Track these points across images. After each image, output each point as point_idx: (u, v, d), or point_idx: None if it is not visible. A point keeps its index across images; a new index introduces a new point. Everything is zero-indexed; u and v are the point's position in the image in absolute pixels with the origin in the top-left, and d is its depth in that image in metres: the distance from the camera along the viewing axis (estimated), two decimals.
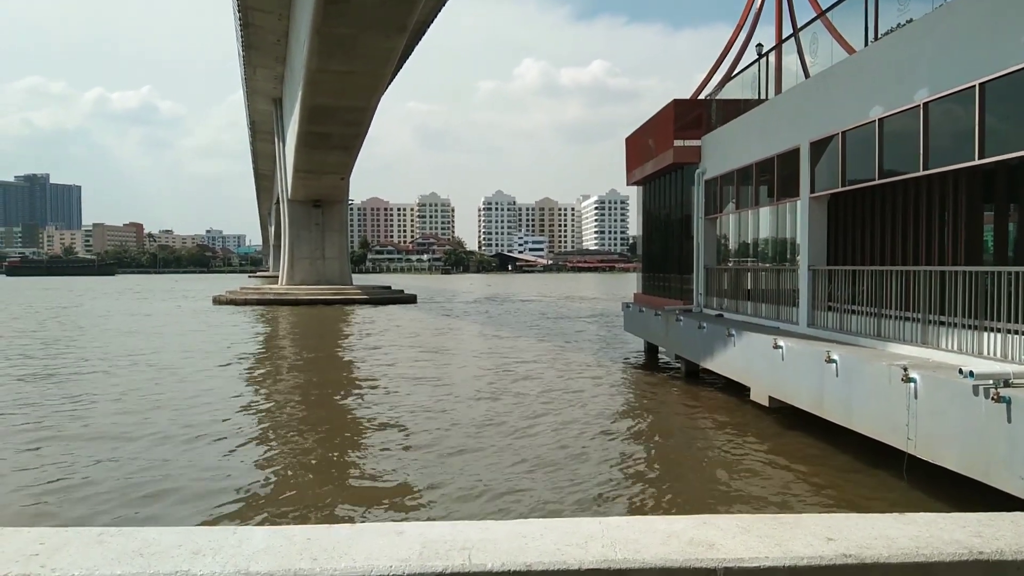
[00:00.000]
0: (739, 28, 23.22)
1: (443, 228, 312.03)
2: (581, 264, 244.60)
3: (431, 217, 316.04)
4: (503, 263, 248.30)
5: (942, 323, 9.54)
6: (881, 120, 10.81)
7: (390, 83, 48.15)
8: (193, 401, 15.08)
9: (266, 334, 33.40)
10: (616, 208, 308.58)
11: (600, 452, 10.93)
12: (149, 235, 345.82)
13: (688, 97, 20.84)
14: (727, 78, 21.17)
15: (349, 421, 13.93)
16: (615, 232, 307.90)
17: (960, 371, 7.88)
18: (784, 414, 12.44)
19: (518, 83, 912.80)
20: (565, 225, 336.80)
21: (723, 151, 17.42)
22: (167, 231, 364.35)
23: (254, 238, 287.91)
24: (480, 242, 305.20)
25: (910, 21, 11.06)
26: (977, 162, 8.91)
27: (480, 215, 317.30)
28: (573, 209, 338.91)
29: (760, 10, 22.97)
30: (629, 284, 40.46)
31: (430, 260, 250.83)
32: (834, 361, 10.39)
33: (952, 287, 9.31)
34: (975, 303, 8.88)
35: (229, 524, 7.83)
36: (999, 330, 8.43)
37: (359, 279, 77.95)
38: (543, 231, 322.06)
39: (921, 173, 10.07)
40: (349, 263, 65.69)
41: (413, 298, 57.97)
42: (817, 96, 13.15)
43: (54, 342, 27.39)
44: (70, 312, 46.80)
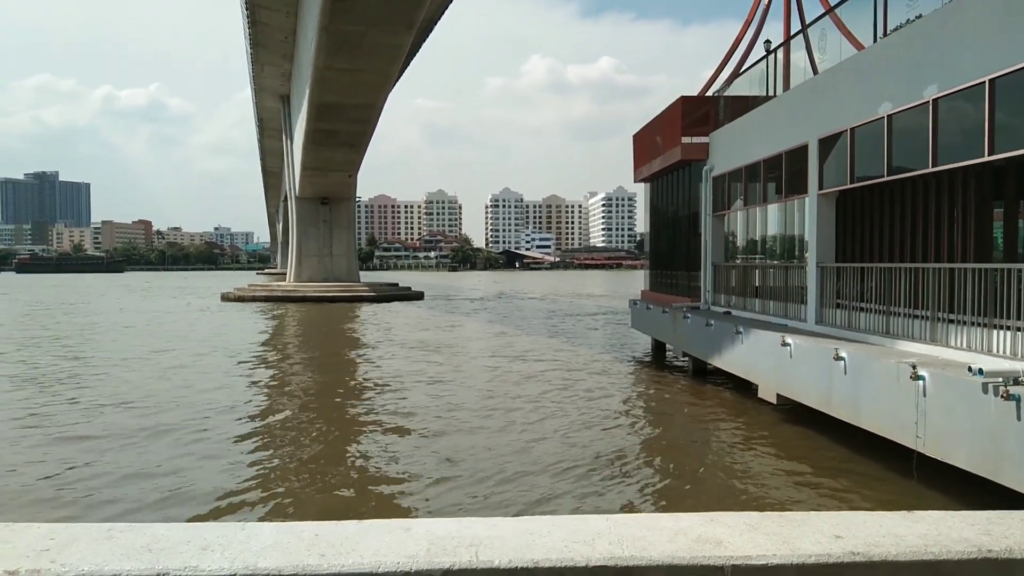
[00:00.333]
0: (747, 24, 23.13)
1: (450, 225, 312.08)
2: (588, 261, 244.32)
3: (438, 214, 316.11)
4: (510, 260, 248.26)
5: (951, 321, 9.50)
6: (890, 117, 10.76)
7: (397, 80, 48.18)
8: (201, 398, 15.13)
9: (274, 331, 33.50)
10: (623, 205, 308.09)
11: (607, 449, 10.93)
12: (158, 232, 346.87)
13: (696, 94, 20.80)
14: (735, 74, 21.10)
15: (357, 417, 13.96)
16: (622, 229, 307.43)
17: (969, 369, 7.84)
18: (792, 412, 12.42)
19: (525, 80, 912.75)
20: (572, 222, 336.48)
21: (731, 148, 17.38)
22: (175, 228, 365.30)
23: (262, 235, 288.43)
24: (487, 239, 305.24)
25: (919, 17, 11.00)
26: (987, 159, 8.86)
27: (487, 212, 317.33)
28: (580, 206, 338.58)
29: (768, 6, 22.88)
30: (636, 281, 40.42)
31: (437, 257, 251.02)
32: (842, 358, 10.36)
33: (961, 284, 9.26)
34: (984, 300, 8.83)
35: (237, 520, 7.87)
36: (1008, 328, 8.39)
37: (366, 276, 78.05)
38: (550, 228, 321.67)
39: (930, 170, 10.03)
40: (356, 260, 65.77)
41: (420, 295, 58.07)
42: (826, 93, 13.10)
43: (65, 338, 27.53)
44: (80, 310, 46.99)
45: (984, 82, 8.75)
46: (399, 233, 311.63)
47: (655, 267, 24.31)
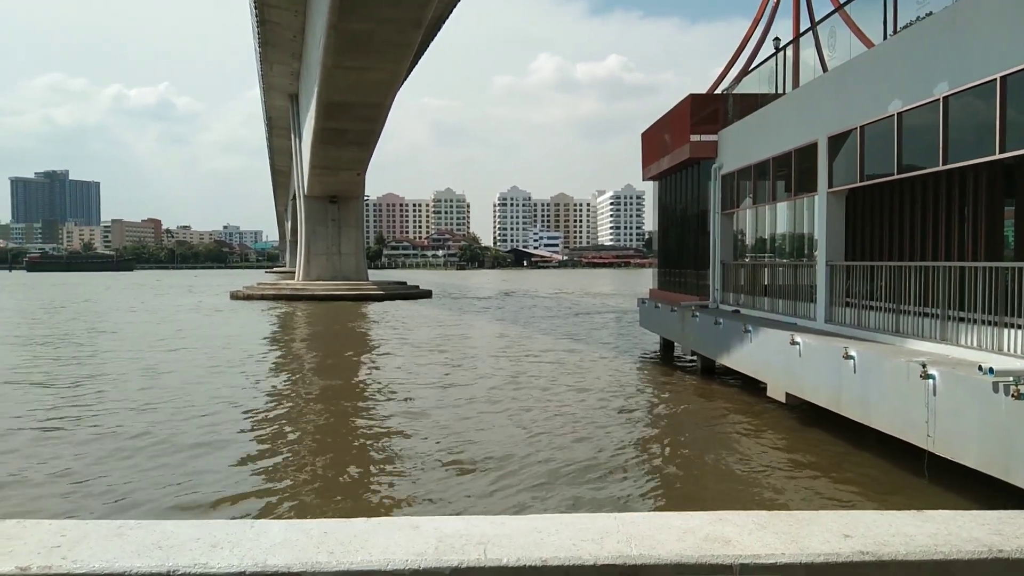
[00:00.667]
0: (756, 22, 23.06)
1: (458, 224, 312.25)
2: (596, 260, 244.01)
3: (446, 213, 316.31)
4: (518, 259, 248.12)
5: (961, 319, 9.45)
6: (900, 114, 10.71)
7: (406, 79, 48.21)
8: (212, 394, 15.20)
9: (283, 330, 33.59)
10: (632, 203, 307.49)
11: (615, 448, 10.92)
12: (167, 231, 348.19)
13: (704, 92, 20.73)
14: (744, 72, 21.04)
15: (366, 414, 13.99)
16: (631, 227, 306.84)
17: (980, 368, 7.81)
18: (801, 411, 12.39)
19: (533, 78, 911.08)
20: (580, 220, 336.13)
21: (740, 146, 17.33)
22: (185, 227, 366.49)
23: (271, 234, 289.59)
24: (495, 238, 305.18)
25: (929, 14, 10.95)
26: (998, 156, 8.81)
27: (495, 210, 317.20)
28: (588, 204, 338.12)
29: (777, 4, 22.80)
30: (644, 280, 40.37)
31: (445, 256, 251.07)
32: (852, 357, 10.33)
33: (972, 283, 9.22)
34: (995, 299, 8.78)
35: (247, 518, 7.89)
36: (1019, 326, 8.34)
37: (375, 275, 78.16)
38: (558, 226, 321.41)
39: (940, 168, 9.98)
40: (365, 259, 65.87)
41: (428, 293, 58.16)
42: (835, 90, 13.04)
43: (77, 337, 27.68)
44: (92, 307, 47.24)
45: (995, 79, 8.69)
46: (407, 232, 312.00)
47: (663, 265, 24.26)
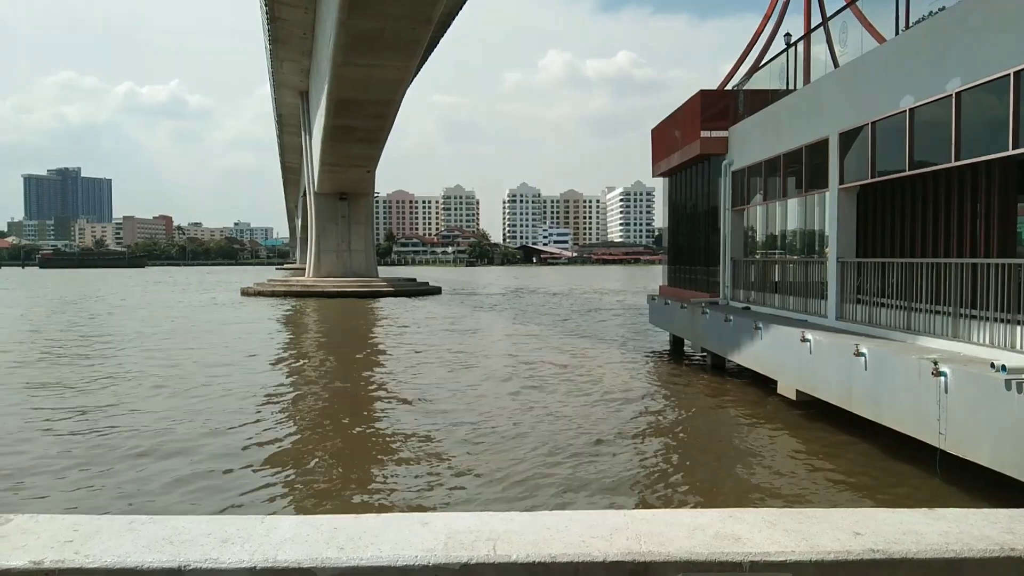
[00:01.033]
0: (767, 18, 22.96)
1: (468, 220, 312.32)
2: (606, 256, 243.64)
3: (456, 209, 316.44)
4: (527, 255, 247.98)
5: (973, 316, 9.39)
6: (912, 110, 10.64)
7: (415, 76, 48.22)
8: (224, 389, 15.27)
9: (294, 326, 33.69)
10: (641, 200, 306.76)
11: (625, 444, 10.91)
12: (178, 228, 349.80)
13: (715, 88, 20.66)
14: (754, 68, 20.96)
15: (376, 408, 14.01)
16: (640, 224, 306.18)
17: (992, 365, 7.76)
18: (811, 408, 12.34)
19: (543, 75, 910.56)
20: (590, 217, 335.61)
21: (750, 142, 17.26)
22: (196, 224, 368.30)
23: (281, 231, 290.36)
24: (505, 234, 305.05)
25: (942, 9, 10.86)
26: (1011, 152, 8.74)
27: (505, 207, 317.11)
28: (598, 201, 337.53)
29: (788, 0, 22.69)
30: (654, 277, 40.30)
31: (455, 252, 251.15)
32: (863, 354, 10.28)
33: (984, 279, 9.15)
34: (1008, 296, 8.72)
35: (257, 513, 7.93)
36: None
37: (384, 271, 78.39)
38: (568, 223, 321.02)
39: (953, 164, 9.91)
40: (375, 255, 66.01)
41: (438, 290, 58.24)
42: (846, 86, 12.97)
43: (98, 337, 27.86)
44: (106, 303, 47.50)
45: (1008, 75, 8.62)
46: (417, 228, 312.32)
47: (673, 262, 24.21)
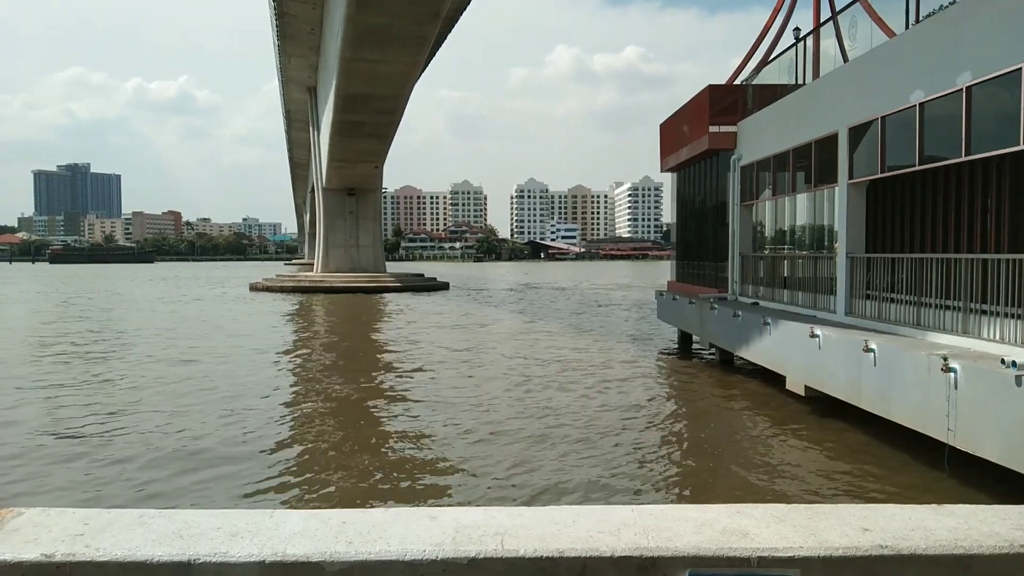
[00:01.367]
0: (776, 12, 22.82)
1: (475, 216, 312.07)
2: (614, 252, 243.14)
3: (463, 205, 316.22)
4: (535, 251, 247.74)
5: (984, 312, 9.35)
6: (922, 105, 10.58)
7: (423, 71, 48.17)
8: (236, 384, 15.33)
9: (302, 321, 33.78)
10: (650, 195, 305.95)
11: (633, 439, 10.91)
12: (187, 223, 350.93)
13: (724, 82, 20.57)
14: (763, 63, 20.84)
15: (384, 404, 14.05)
16: (648, 219, 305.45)
17: (1002, 361, 7.72)
18: (820, 404, 12.31)
19: (551, 70, 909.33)
20: (598, 212, 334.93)
21: (759, 137, 17.19)
22: (205, 219, 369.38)
23: (290, 226, 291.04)
24: (512, 230, 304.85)
25: (953, 3, 10.81)
26: (1021, 147, 8.68)
27: (512, 203, 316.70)
28: (606, 196, 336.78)
29: None
30: (663, 272, 40.21)
31: (462, 248, 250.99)
32: (872, 350, 10.24)
33: (994, 275, 9.11)
34: (1018, 291, 8.67)
35: (266, 507, 7.97)
36: None
37: (392, 267, 78.34)
38: (575, 219, 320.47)
39: (963, 159, 9.86)
40: (383, 251, 66.09)
41: (446, 286, 58.30)
42: (856, 81, 12.90)
43: (110, 324, 28.02)
44: (120, 299, 47.73)
45: (1019, 69, 8.57)
46: (424, 224, 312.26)
47: (682, 258, 24.16)
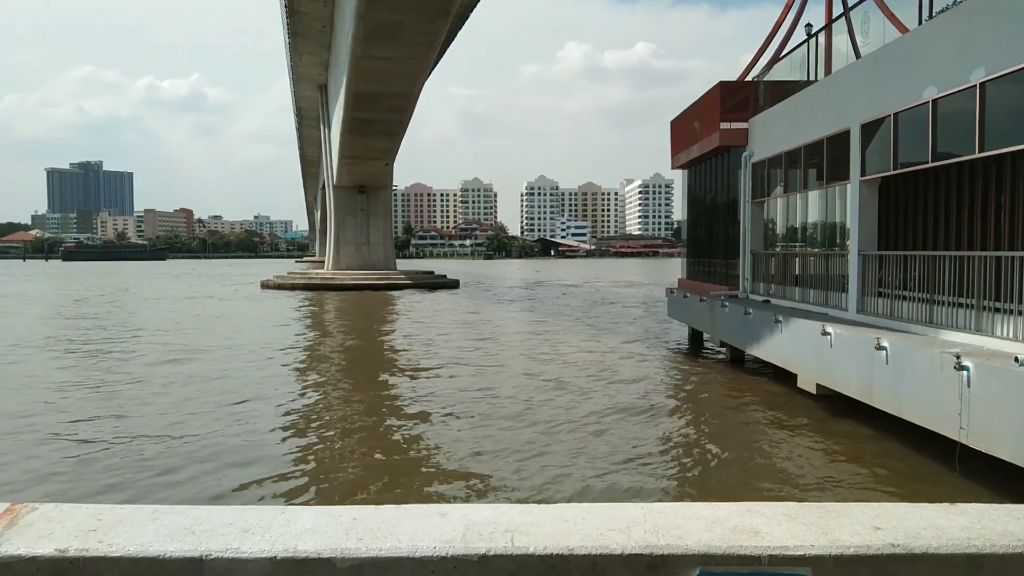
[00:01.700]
0: (787, 8, 22.70)
1: (486, 213, 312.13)
2: (624, 249, 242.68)
3: (474, 202, 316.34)
4: (545, 248, 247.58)
5: (997, 310, 9.28)
6: (935, 101, 10.51)
7: (433, 68, 48.21)
8: (246, 381, 15.41)
9: (314, 319, 33.90)
10: (660, 192, 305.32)
11: (643, 437, 10.90)
12: (199, 221, 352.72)
13: (735, 79, 20.50)
14: (775, 59, 20.75)
15: (395, 402, 14.09)
16: (659, 217, 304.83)
17: (1016, 359, 7.68)
18: (832, 402, 12.26)
19: (561, 66, 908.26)
20: (608, 210, 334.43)
21: (771, 134, 17.12)
22: (216, 217, 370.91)
23: (301, 223, 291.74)
24: (523, 227, 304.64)
25: None
26: None
27: (523, 200, 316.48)
28: (616, 193, 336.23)
29: None
30: (673, 270, 40.12)
31: (473, 245, 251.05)
32: (884, 348, 10.19)
33: (1008, 272, 9.04)
34: None
35: (277, 503, 8.00)
36: None
37: (403, 264, 78.52)
38: (586, 216, 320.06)
39: (977, 156, 9.79)
40: (393, 248, 66.19)
41: (456, 283, 58.32)
42: (868, 77, 12.83)
43: (126, 322, 28.21)
44: (133, 295, 48.02)
45: None
46: (435, 221, 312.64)
47: (692, 255, 24.09)
